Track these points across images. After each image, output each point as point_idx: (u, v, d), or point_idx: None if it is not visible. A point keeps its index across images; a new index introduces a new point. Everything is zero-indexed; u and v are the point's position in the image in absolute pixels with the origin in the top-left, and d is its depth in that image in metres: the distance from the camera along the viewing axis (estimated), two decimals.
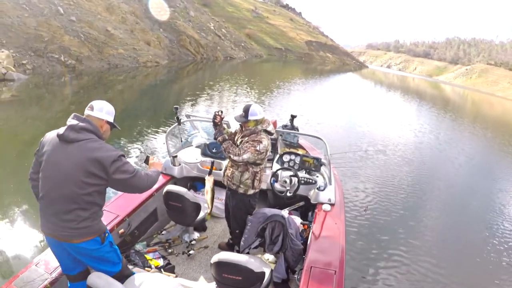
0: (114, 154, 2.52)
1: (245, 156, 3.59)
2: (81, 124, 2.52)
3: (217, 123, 3.88)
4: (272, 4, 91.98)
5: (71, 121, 2.54)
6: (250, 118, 3.67)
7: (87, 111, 2.65)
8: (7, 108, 12.12)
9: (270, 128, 3.78)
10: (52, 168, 2.53)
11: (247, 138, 3.72)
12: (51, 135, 2.61)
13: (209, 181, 3.94)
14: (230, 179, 3.89)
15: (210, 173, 4.57)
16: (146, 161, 3.09)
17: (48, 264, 3.03)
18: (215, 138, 3.81)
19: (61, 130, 2.52)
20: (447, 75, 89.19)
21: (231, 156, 3.64)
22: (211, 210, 4.02)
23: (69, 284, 2.92)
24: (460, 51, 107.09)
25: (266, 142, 3.64)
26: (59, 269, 2.96)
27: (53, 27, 20.62)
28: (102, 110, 2.66)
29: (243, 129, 3.82)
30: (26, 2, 20.84)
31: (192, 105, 15.65)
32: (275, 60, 55.94)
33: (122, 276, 2.89)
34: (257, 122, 3.71)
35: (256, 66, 45.13)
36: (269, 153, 3.78)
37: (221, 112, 3.92)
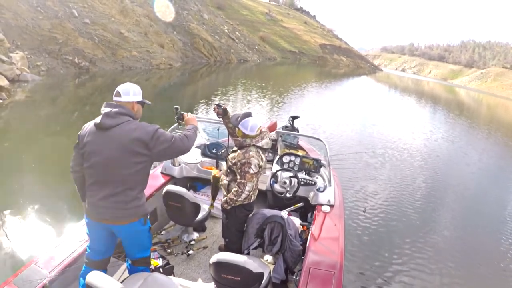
0: (151, 130, 2.68)
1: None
2: (114, 110, 2.68)
3: (220, 116, 4.02)
4: (286, 7, 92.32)
5: (104, 109, 2.70)
6: (240, 127, 3.58)
7: (115, 98, 2.79)
8: (21, 108, 12.28)
9: (263, 143, 3.61)
10: (96, 156, 2.68)
11: (238, 151, 3.60)
12: (88, 126, 2.78)
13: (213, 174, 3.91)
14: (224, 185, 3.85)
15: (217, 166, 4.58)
16: (181, 118, 3.16)
17: (48, 263, 3.07)
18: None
19: (98, 119, 2.68)
20: (462, 79, 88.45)
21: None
22: (212, 203, 3.98)
23: (84, 268, 2.97)
24: (475, 54, 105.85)
25: (255, 160, 3.48)
26: (59, 268, 3.01)
27: (67, 29, 20.92)
28: (129, 94, 2.80)
29: (235, 132, 3.79)
30: (40, 5, 21.17)
31: (204, 107, 15.72)
32: (289, 63, 55.83)
33: (148, 262, 3.10)
34: (245, 135, 3.58)
35: (270, 69, 45.03)
36: (263, 167, 3.64)
37: (222, 104, 3.99)
